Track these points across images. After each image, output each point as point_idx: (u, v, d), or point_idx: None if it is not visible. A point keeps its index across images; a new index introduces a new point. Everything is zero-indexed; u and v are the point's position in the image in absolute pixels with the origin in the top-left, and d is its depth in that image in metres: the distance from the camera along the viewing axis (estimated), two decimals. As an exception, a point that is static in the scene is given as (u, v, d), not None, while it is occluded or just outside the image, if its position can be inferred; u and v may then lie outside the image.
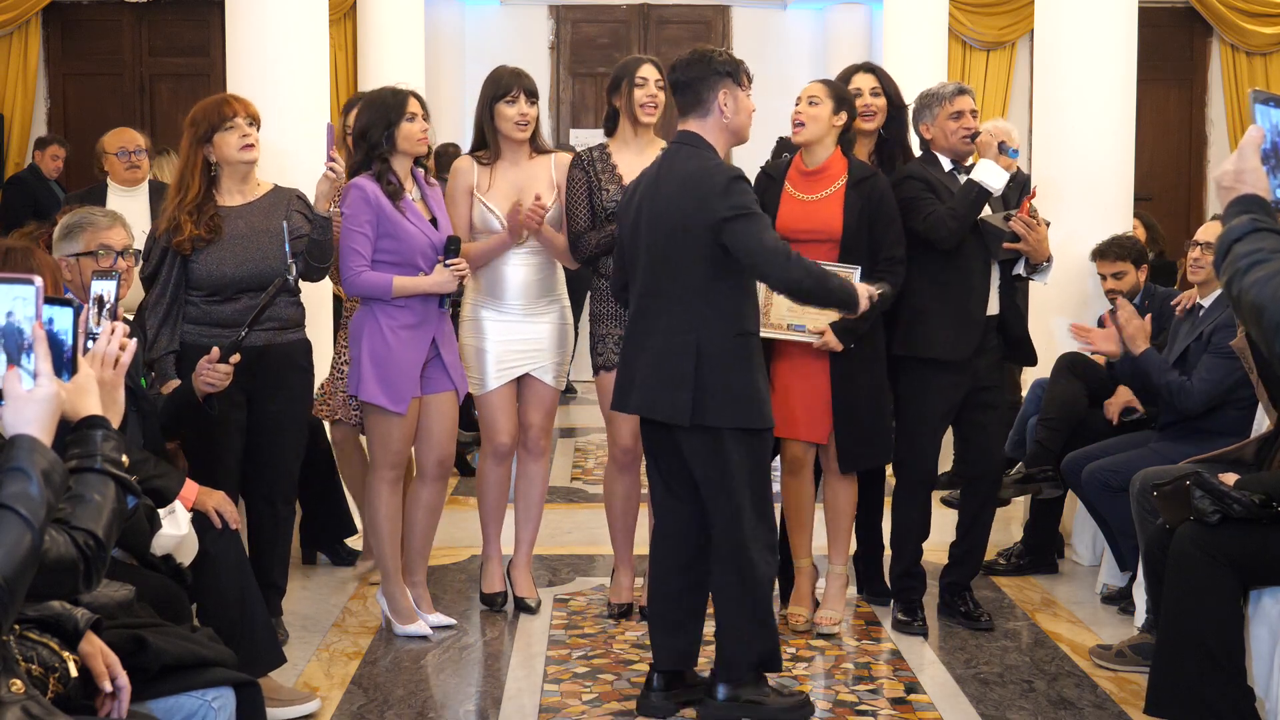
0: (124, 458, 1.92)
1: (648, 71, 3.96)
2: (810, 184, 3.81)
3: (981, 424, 3.94)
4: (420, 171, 3.92)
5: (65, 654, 2.11)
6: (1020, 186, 4.00)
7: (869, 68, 4.08)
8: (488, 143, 3.98)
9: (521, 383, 4.06)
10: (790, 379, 3.80)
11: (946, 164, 3.94)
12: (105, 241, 3.29)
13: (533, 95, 3.93)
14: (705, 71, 3.26)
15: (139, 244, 4.31)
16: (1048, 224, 3.99)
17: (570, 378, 8.29)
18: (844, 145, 3.85)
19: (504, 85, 3.92)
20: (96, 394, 1.90)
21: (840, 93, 3.85)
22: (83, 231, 3.28)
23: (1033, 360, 4.10)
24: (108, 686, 2.15)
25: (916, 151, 4.08)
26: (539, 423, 4.08)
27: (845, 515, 3.96)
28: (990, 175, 3.74)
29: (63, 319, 1.85)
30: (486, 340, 3.99)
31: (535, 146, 4.01)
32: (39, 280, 1.80)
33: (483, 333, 4.00)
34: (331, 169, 3.59)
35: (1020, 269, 3.89)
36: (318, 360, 3.95)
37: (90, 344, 2.30)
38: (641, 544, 4.16)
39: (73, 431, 1.88)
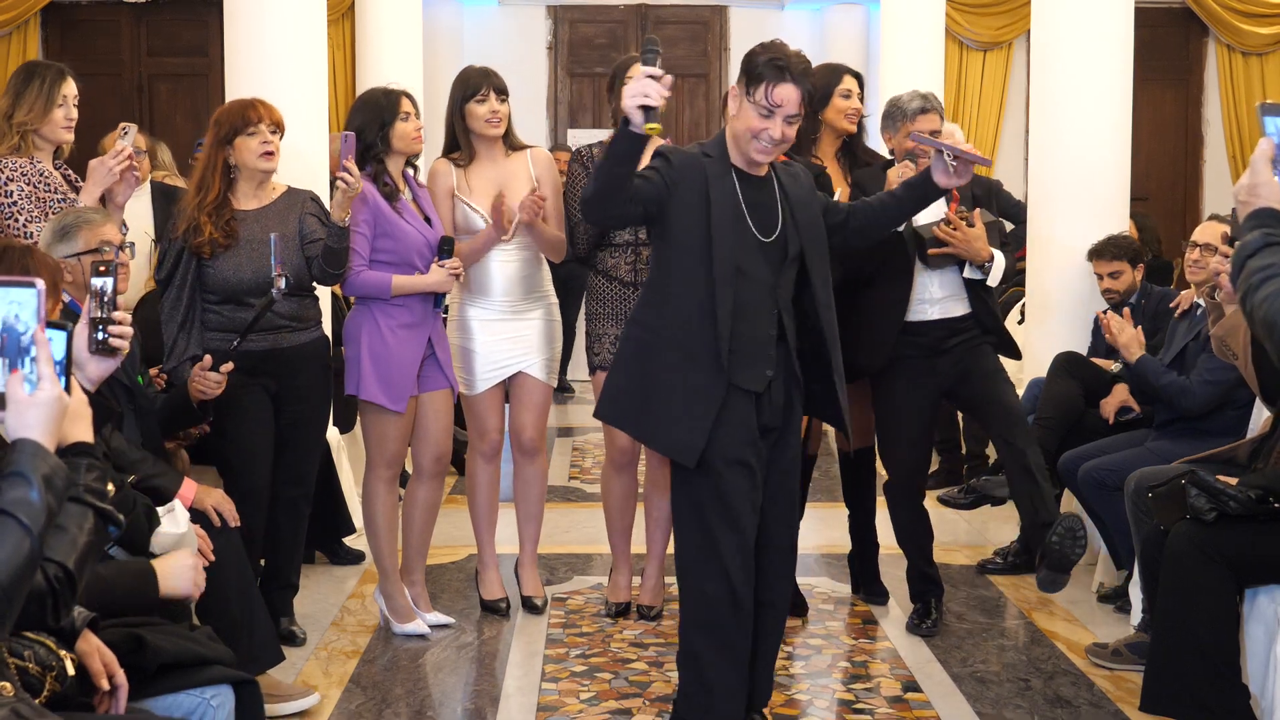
0: (109, 486, 1.90)
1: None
2: None
3: (983, 398, 3.86)
4: (410, 172, 3.93)
5: (62, 653, 2.11)
6: (989, 192, 4.01)
7: (854, 73, 4.09)
8: (459, 145, 3.98)
9: (512, 381, 4.06)
10: None
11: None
12: (105, 237, 3.26)
13: (502, 93, 3.93)
14: (746, 64, 2.99)
15: (144, 245, 4.32)
16: (1018, 223, 3.96)
17: (568, 377, 8.31)
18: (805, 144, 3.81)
19: (473, 85, 3.92)
20: (88, 420, 1.87)
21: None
22: (80, 230, 3.24)
23: (1015, 354, 4.09)
24: (105, 685, 2.15)
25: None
26: (532, 422, 4.06)
27: None
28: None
29: (55, 342, 1.81)
30: (474, 341, 3.99)
31: (509, 144, 4.01)
32: (41, 283, 1.78)
33: (470, 333, 4.00)
34: (344, 179, 3.57)
35: (967, 271, 3.87)
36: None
37: (98, 334, 2.29)
38: (639, 543, 4.18)
39: (59, 457, 1.86)
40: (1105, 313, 4.23)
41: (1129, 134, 5.04)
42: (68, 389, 1.84)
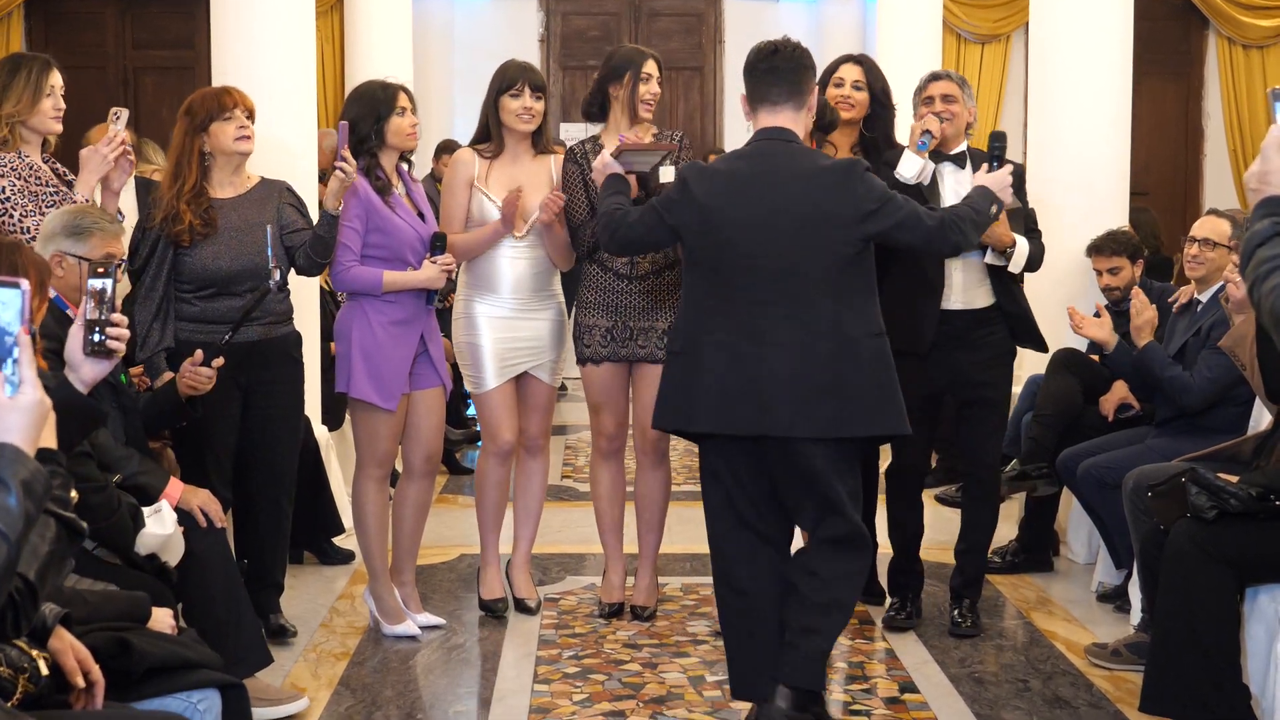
0: (72, 494, 1.86)
1: (652, 68, 3.94)
2: None
3: (969, 420, 3.88)
4: (404, 167, 3.89)
5: (34, 652, 2.07)
6: (1019, 179, 3.96)
7: (859, 59, 4.02)
8: (490, 136, 3.95)
9: (519, 382, 4.01)
10: None
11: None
12: (112, 251, 3.20)
13: (539, 90, 3.90)
14: (808, 62, 3.11)
15: (126, 238, 4.28)
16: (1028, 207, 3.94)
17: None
18: (817, 138, 3.78)
19: (510, 78, 3.89)
20: (52, 425, 1.83)
21: None
22: (92, 235, 3.18)
23: (1041, 346, 4.02)
24: (80, 682, 2.12)
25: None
26: (538, 422, 4.04)
27: None
28: (905, 166, 3.69)
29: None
30: (483, 336, 3.94)
31: (539, 145, 3.97)
32: (26, 284, 1.73)
33: (478, 328, 3.94)
34: (341, 168, 3.54)
35: (988, 257, 3.83)
36: (306, 356, 3.91)
37: (95, 336, 2.24)
38: (631, 542, 4.13)
39: None
40: (1107, 305, 4.18)
41: (1128, 128, 5.00)
42: None
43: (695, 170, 3.16)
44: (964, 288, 3.83)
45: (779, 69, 3.08)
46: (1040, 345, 4.00)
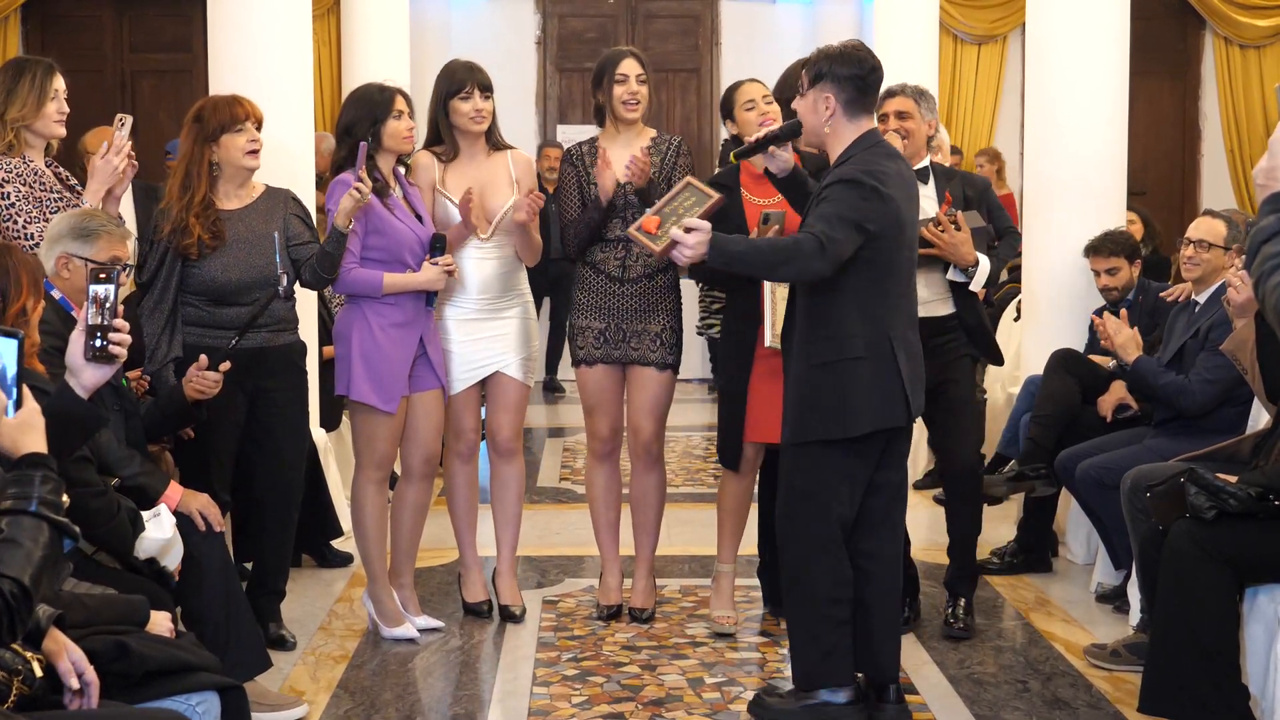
0: (64, 498, 1.86)
1: (629, 67, 3.90)
2: (766, 188, 3.67)
3: (942, 424, 3.88)
4: (401, 170, 3.88)
5: (28, 654, 2.07)
6: (980, 193, 3.97)
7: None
8: (443, 139, 3.93)
9: (489, 381, 3.99)
10: (765, 382, 3.71)
11: None
12: (119, 254, 3.20)
13: (487, 90, 3.88)
14: None
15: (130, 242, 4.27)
16: (996, 228, 3.95)
17: (559, 376, 8.26)
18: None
19: (458, 81, 3.86)
20: (41, 430, 1.83)
21: (783, 90, 3.82)
22: (98, 238, 3.18)
23: (997, 359, 4.06)
24: (74, 684, 2.12)
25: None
26: (509, 422, 3.98)
27: None
28: None
29: (5, 351, 1.76)
30: (451, 341, 3.92)
31: (491, 143, 3.96)
32: None
33: (445, 332, 3.92)
34: (358, 188, 3.53)
35: (951, 274, 3.83)
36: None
37: (97, 342, 2.23)
38: (627, 544, 4.13)
39: (12, 469, 1.80)
40: (1101, 314, 4.20)
41: (1125, 128, 5.00)
42: (19, 399, 1.79)
43: (874, 174, 3.12)
44: (928, 300, 3.82)
45: (881, 80, 3.27)
46: (996, 358, 4.03)
